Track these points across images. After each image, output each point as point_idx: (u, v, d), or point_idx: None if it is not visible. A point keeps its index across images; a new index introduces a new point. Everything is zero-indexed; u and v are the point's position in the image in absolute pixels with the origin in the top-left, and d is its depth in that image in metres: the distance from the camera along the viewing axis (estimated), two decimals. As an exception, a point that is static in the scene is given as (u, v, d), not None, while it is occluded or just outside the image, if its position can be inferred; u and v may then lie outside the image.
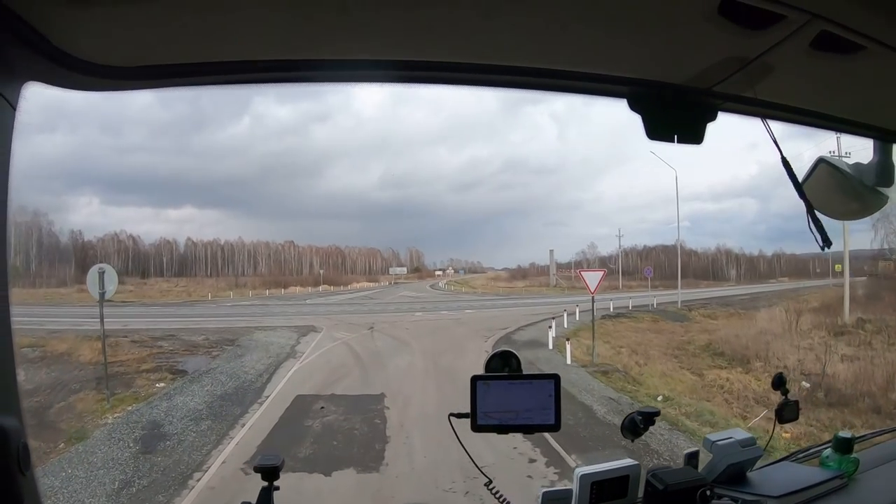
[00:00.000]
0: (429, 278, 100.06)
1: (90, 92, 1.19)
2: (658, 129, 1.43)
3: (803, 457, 2.22)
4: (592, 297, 19.49)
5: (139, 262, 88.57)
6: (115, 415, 12.82)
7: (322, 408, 12.95)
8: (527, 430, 1.69)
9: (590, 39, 1.23)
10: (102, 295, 14.80)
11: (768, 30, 1.14)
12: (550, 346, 20.71)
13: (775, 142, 1.49)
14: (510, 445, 9.31)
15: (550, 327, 21.92)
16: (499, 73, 1.35)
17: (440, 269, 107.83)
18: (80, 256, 74.04)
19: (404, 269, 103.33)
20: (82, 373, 17.54)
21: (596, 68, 1.36)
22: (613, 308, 35.61)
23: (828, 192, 1.69)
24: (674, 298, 41.77)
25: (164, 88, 1.26)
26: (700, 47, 1.25)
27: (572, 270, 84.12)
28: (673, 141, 1.42)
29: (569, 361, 17.78)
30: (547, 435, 10.05)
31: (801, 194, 1.52)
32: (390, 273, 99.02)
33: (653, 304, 38.99)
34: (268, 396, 14.01)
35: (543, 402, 1.67)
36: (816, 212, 1.53)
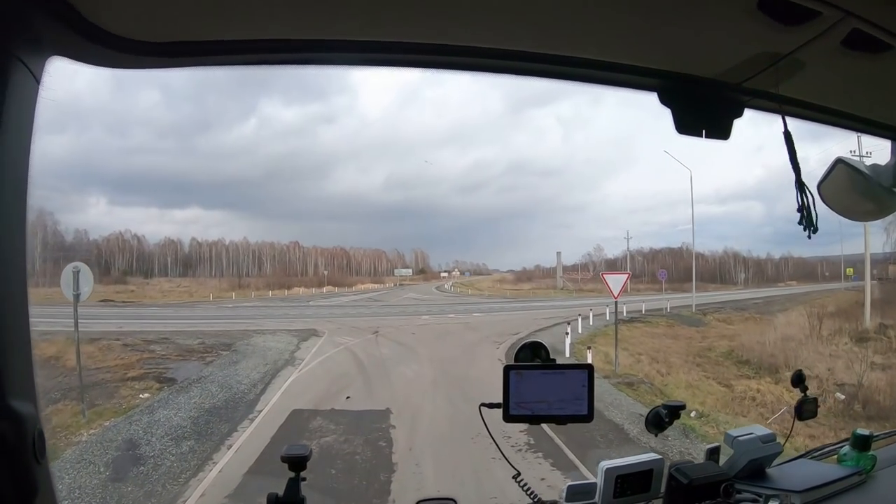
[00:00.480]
0: (434, 280, 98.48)
1: (115, 69, 1.17)
2: (687, 123, 1.43)
3: (820, 454, 2.19)
4: (615, 302, 17.98)
5: (144, 262, 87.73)
6: (91, 431, 11.42)
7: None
8: (559, 420, 1.65)
9: (624, 28, 1.21)
10: (77, 297, 13.40)
11: (802, 26, 1.14)
12: (567, 354, 19.23)
13: (789, 137, 1.41)
14: (537, 475, 7.94)
15: (567, 333, 20.38)
16: (523, 60, 1.31)
17: (445, 271, 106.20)
18: (85, 256, 73.61)
19: (409, 271, 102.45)
20: (67, 379, 16.04)
21: (628, 59, 1.34)
22: (626, 312, 34.09)
23: (845, 192, 1.64)
24: (686, 302, 40.39)
25: (189, 67, 1.25)
26: (736, 42, 1.24)
27: (579, 273, 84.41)
28: (701, 135, 1.43)
29: (590, 372, 16.21)
30: (579, 463, 8.77)
31: (798, 179, 1.42)
32: (395, 274, 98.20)
33: (666, 308, 37.37)
34: (260, 411, 12.60)
35: (577, 392, 1.65)
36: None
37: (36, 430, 0.95)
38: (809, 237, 1.46)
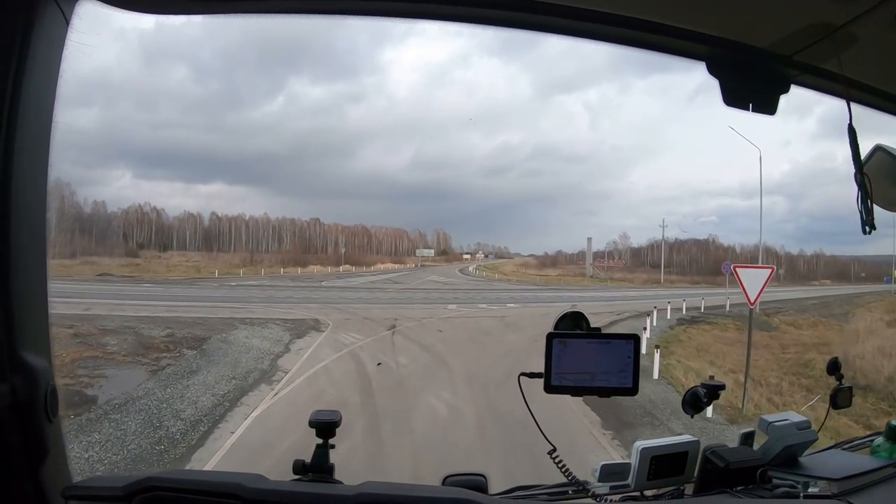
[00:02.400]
0: (456, 262, 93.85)
1: (145, 13, 1.12)
2: (735, 95, 1.37)
3: (851, 446, 2.08)
4: (751, 311, 11.99)
5: (162, 235, 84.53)
6: None
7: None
8: (603, 392, 1.57)
9: None
10: None
11: None
12: (656, 376, 13.49)
13: (849, 110, 1.35)
14: None
15: (655, 347, 14.55)
16: (566, 17, 1.22)
17: (467, 253, 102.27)
18: (101, 228, 72.36)
19: (431, 252, 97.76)
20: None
21: (677, 21, 1.26)
22: (686, 310, 28.70)
23: (883, 181, 1.54)
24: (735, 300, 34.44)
25: (217, 14, 1.20)
26: (790, 8, 1.19)
27: (605, 260, 78.94)
28: (748, 109, 1.38)
29: (710, 413, 10.47)
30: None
31: (859, 175, 1.39)
32: (417, 255, 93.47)
33: (726, 306, 31.46)
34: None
35: (622, 363, 1.55)
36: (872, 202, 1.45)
37: (49, 387, 0.93)
38: (868, 233, 1.40)
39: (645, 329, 18.78)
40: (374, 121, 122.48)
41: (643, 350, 15.86)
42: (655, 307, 23.94)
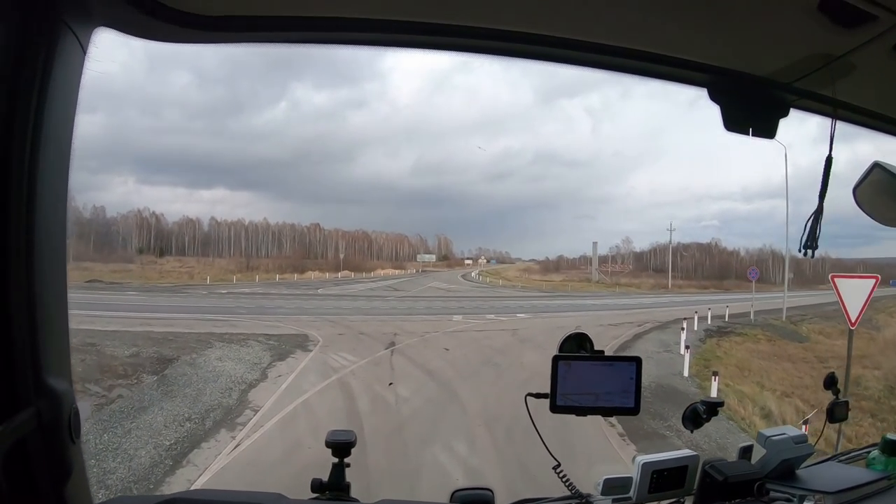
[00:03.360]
0: (458, 267, 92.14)
1: (161, 42, 1.14)
2: (736, 120, 1.39)
3: (848, 458, 2.12)
4: (850, 333, 9.26)
5: (162, 240, 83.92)
6: None
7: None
8: (606, 412, 1.64)
9: (678, 21, 1.18)
10: None
11: (859, 29, 1.11)
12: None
13: (831, 140, 1.42)
14: None
15: (714, 374, 11.95)
16: (569, 48, 1.26)
17: (469, 258, 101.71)
18: (100, 233, 72.22)
19: (433, 257, 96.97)
20: None
21: (678, 52, 1.30)
22: (711, 318, 26.18)
23: (881, 197, 1.61)
24: (739, 304, 31.95)
25: (234, 43, 1.23)
26: (791, 41, 1.22)
27: (609, 265, 76.81)
28: (748, 133, 1.40)
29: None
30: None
31: (822, 195, 1.41)
32: (418, 260, 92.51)
33: (750, 315, 28.74)
34: None
35: (625, 384, 1.61)
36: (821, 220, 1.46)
37: (72, 409, 0.94)
38: (806, 255, 1.41)
39: (682, 346, 16.10)
40: (375, 126, 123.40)
41: (685, 372, 13.53)
42: (686, 319, 21.22)
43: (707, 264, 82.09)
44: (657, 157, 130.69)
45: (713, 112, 1.39)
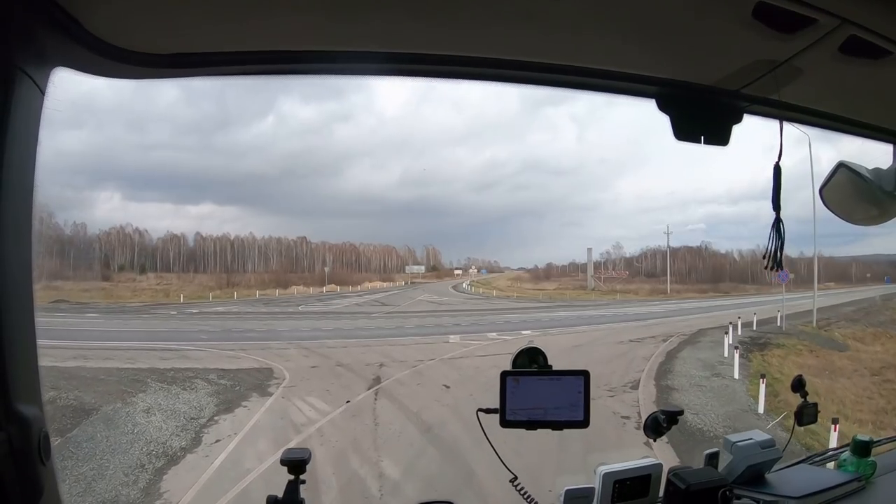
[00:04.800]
0: (447, 278, 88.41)
1: (117, 79, 1.15)
2: (686, 129, 1.40)
3: (820, 460, 2.12)
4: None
5: (146, 257, 79.96)
6: None
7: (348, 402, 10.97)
8: (556, 426, 1.60)
9: (621, 39, 1.21)
10: None
11: (799, 33, 1.12)
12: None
13: (780, 146, 1.40)
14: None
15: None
16: (526, 70, 1.31)
17: (458, 268, 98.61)
18: (80, 250, 67.95)
19: (422, 268, 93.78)
20: None
21: (626, 67, 1.33)
22: (741, 327, 22.68)
23: (847, 197, 1.62)
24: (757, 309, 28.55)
25: (190, 77, 1.23)
26: (732, 50, 1.23)
27: (604, 271, 73.67)
28: (700, 142, 1.40)
29: None
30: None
31: (777, 205, 1.40)
32: (406, 271, 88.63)
33: (777, 321, 25.56)
34: None
35: (573, 398, 1.60)
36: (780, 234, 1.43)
37: (42, 433, 0.95)
38: (770, 270, 1.39)
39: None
40: (362, 139, 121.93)
41: (759, 408, 10.61)
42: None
43: (700, 268, 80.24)
44: (643, 163, 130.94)
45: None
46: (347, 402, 11.00)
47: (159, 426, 9.51)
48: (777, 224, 1.37)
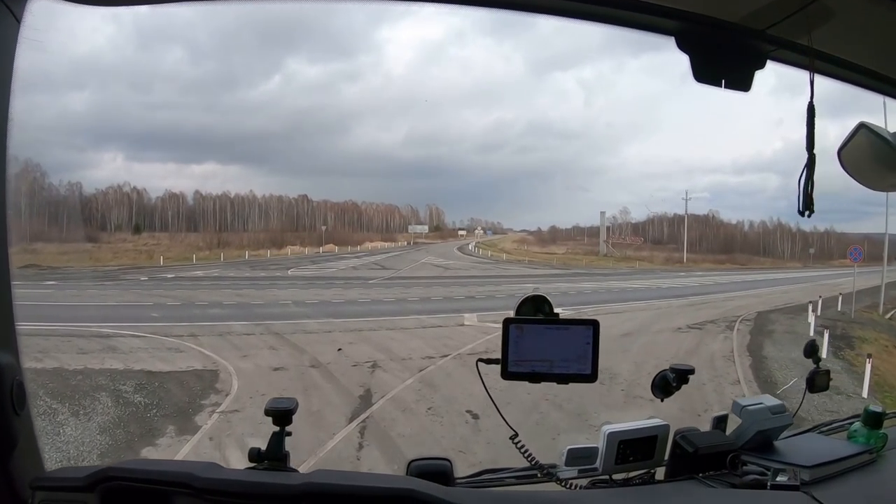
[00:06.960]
0: (451, 238, 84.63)
1: (92, 6, 1.08)
2: (706, 71, 1.26)
3: (829, 430, 1.91)
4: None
5: (144, 217, 76.80)
6: None
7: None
8: (561, 379, 1.44)
9: None
10: None
11: None
12: None
13: (811, 85, 1.27)
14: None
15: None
16: None
17: (462, 229, 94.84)
18: (70, 211, 63.87)
19: (425, 228, 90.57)
20: None
21: None
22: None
23: (866, 160, 1.41)
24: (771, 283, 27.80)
25: (167, 4, 1.15)
26: None
27: (617, 236, 68.99)
28: (720, 85, 1.27)
29: None
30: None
31: (811, 149, 1.27)
32: (409, 231, 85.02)
33: (816, 307, 20.85)
34: None
35: (580, 350, 1.43)
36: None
37: (15, 382, 0.92)
38: (803, 216, 1.27)
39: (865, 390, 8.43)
40: (369, 98, 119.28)
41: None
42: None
43: (710, 237, 76.16)
44: (650, 128, 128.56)
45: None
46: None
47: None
48: (811, 163, 1.25)
